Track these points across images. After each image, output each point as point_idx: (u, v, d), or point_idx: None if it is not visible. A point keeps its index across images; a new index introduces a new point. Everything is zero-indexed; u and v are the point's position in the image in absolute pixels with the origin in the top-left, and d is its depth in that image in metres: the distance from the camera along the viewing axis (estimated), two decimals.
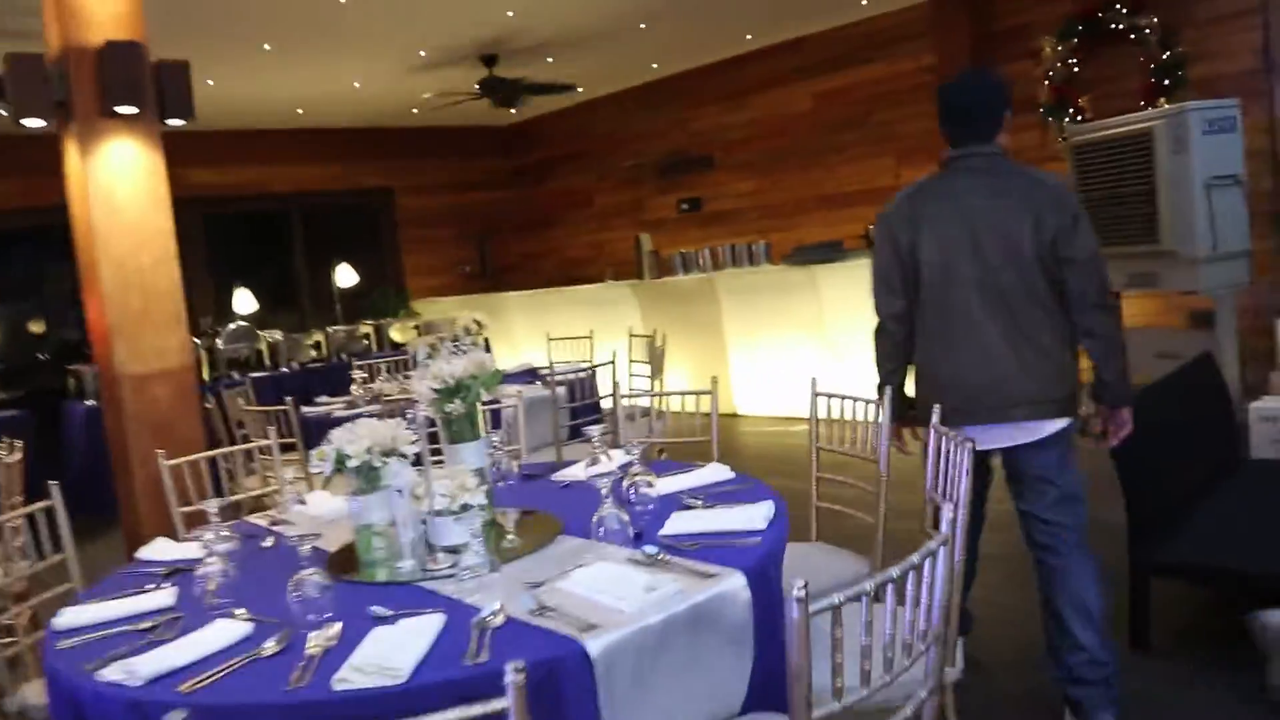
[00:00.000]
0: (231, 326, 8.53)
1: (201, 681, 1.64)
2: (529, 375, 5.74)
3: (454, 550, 2.02)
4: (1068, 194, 2.81)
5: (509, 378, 5.57)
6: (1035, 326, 2.78)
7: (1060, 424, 2.82)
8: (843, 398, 3.16)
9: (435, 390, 2.30)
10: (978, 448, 2.40)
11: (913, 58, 8.53)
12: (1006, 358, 2.78)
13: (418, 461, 2.19)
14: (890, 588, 1.35)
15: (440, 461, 2.40)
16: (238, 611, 1.92)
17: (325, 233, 11.72)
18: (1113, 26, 7.33)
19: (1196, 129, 5.36)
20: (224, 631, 1.83)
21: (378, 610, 1.83)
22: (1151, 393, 3.51)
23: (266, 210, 11.36)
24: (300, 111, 10.20)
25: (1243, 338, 5.69)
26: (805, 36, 9.34)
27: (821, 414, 3.26)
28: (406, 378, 5.52)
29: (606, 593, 1.76)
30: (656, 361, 5.64)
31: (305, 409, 5.30)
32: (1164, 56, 7.09)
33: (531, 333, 9.65)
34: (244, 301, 9.96)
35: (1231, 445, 4.11)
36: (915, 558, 1.39)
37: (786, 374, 7.86)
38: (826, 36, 9.20)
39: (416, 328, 9.87)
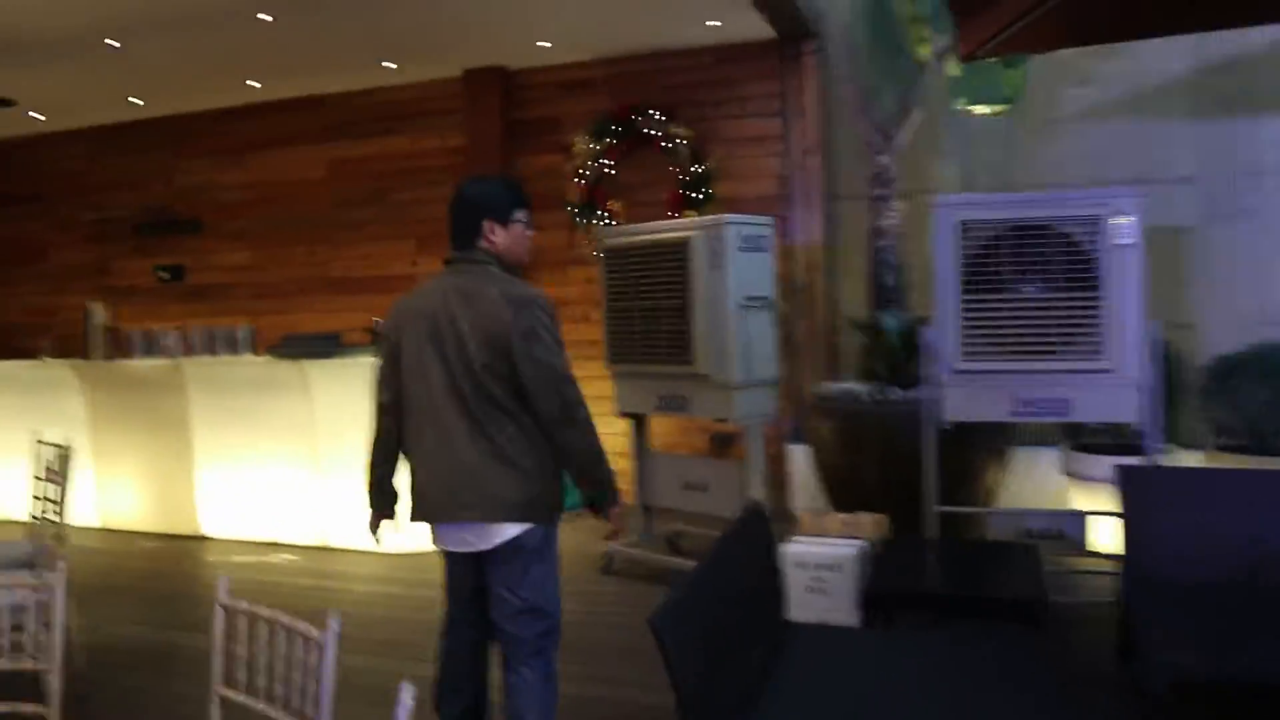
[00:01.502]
0: None
1: None
2: None
3: None
4: (534, 310, 2.82)
5: None
6: (497, 431, 2.82)
7: (513, 530, 2.83)
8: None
9: None
10: (446, 547, 2.94)
11: (439, 136, 7.70)
12: (468, 461, 2.82)
13: None
14: None
15: None
16: None
17: None
18: (645, 131, 7.03)
19: (733, 244, 4.97)
20: None
21: None
22: (707, 575, 2.75)
23: None
24: None
25: None
26: (323, 95, 8.16)
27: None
28: None
29: None
30: (61, 482, 4.03)
31: None
32: (693, 169, 6.89)
33: None
34: None
35: (779, 611, 3.51)
36: None
37: (269, 490, 6.45)
38: (347, 99, 8.09)
39: None
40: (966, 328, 4.45)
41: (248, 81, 7.75)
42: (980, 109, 5.56)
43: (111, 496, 7.05)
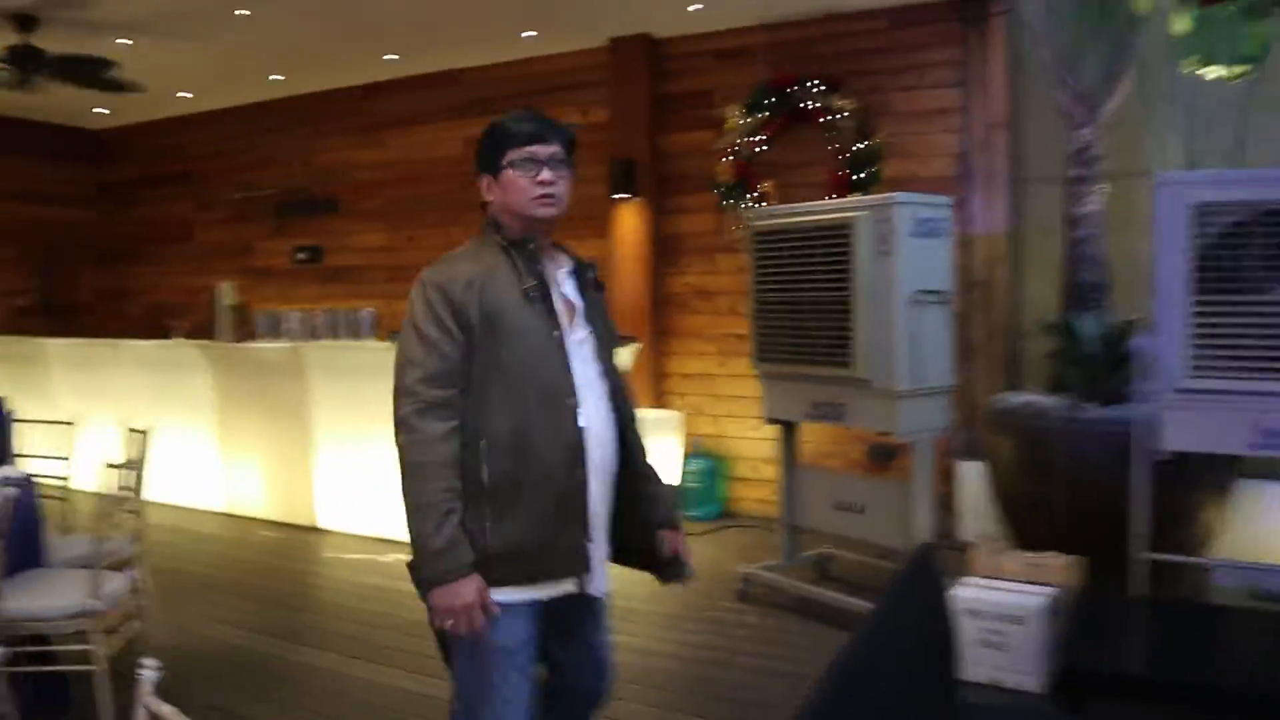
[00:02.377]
0: None
1: None
2: None
3: None
4: (414, 289, 2.26)
5: None
6: None
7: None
8: None
9: None
10: None
11: (581, 110, 7.14)
12: None
13: None
14: None
15: None
16: None
17: None
18: (805, 105, 6.30)
19: (904, 227, 4.22)
20: None
21: None
22: (861, 657, 2.07)
23: None
24: None
25: None
26: (460, 70, 7.76)
27: None
28: None
29: None
30: (136, 472, 3.66)
31: None
32: (859, 146, 6.11)
33: (72, 399, 7.25)
34: None
35: (951, 689, 2.79)
36: None
37: (385, 484, 6.04)
38: (484, 73, 7.66)
39: None
40: (1198, 336, 3.58)
41: (384, 56, 7.41)
42: (1214, 72, 4.60)
43: (237, 482, 6.82)
